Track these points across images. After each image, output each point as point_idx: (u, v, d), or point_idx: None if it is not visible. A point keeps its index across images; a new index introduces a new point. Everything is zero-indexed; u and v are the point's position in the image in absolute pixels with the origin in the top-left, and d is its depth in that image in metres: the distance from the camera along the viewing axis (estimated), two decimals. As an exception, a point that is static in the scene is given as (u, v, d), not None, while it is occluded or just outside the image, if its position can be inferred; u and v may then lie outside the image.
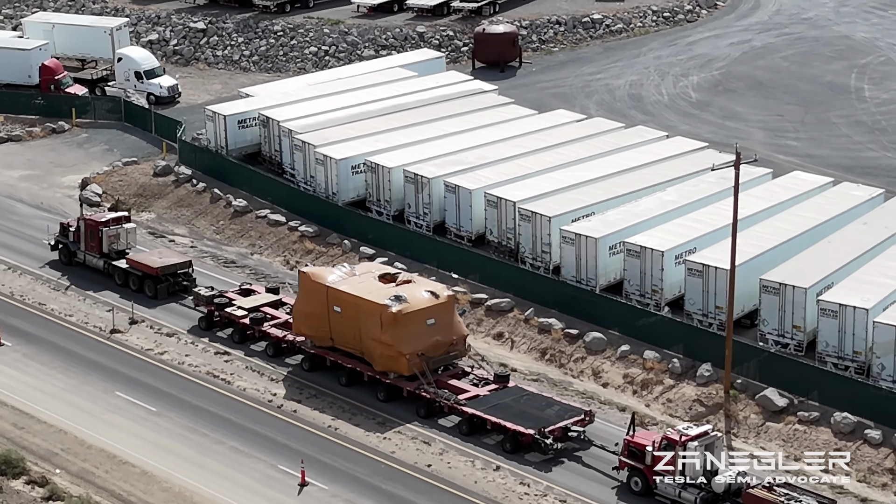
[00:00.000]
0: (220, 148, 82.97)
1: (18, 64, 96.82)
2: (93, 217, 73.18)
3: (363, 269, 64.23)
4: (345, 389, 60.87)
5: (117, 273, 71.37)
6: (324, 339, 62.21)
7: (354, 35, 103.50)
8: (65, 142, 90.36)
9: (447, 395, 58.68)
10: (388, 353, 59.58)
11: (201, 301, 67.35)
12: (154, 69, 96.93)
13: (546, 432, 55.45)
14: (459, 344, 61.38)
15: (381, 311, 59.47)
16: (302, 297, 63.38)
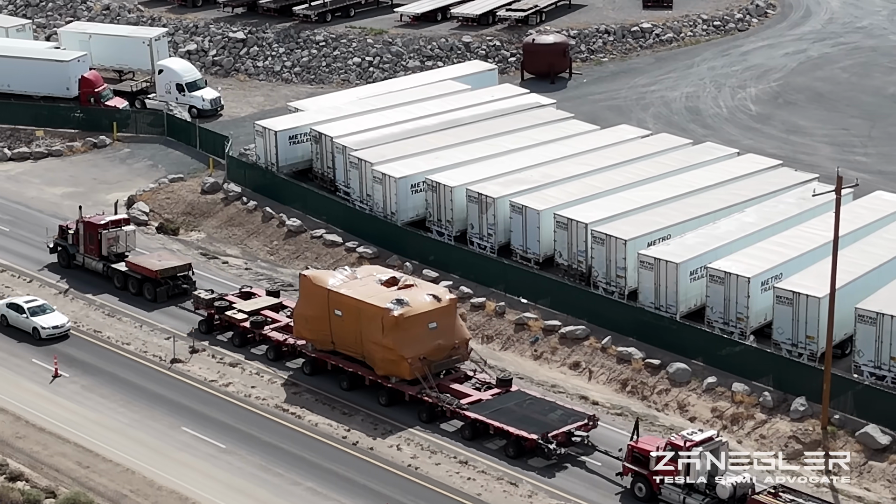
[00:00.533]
0: (270, 164, 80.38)
1: (56, 76, 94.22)
2: (92, 219, 72.17)
3: (364, 272, 63.65)
4: (346, 394, 60.13)
5: (116, 276, 70.72)
6: (325, 343, 61.56)
7: (399, 45, 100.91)
8: (107, 157, 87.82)
9: (449, 400, 58.10)
10: (389, 356, 59.01)
11: (201, 304, 66.66)
12: (196, 81, 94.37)
13: (549, 437, 54.88)
14: (461, 348, 60.85)
15: (383, 314, 58.87)
16: (303, 300, 62.64)
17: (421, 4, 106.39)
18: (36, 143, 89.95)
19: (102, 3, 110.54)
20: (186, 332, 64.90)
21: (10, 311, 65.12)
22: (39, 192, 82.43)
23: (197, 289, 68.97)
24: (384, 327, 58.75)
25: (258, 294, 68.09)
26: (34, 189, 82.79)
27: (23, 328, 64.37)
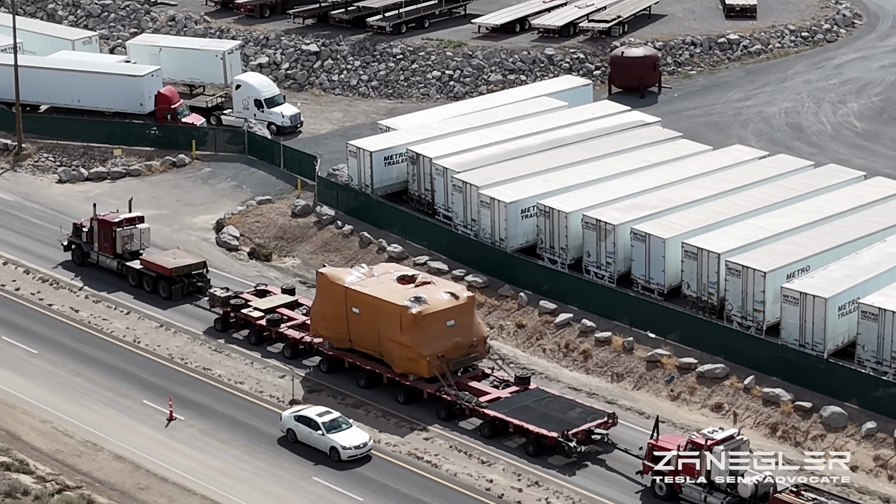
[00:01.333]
0: (364, 186, 77.04)
1: (129, 91, 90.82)
2: (106, 217, 72.11)
3: (381, 270, 63.62)
4: (364, 391, 60.18)
5: (131, 274, 70.63)
6: (342, 341, 61.53)
7: (479, 58, 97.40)
8: (187, 177, 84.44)
9: (468, 398, 58.12)
10: (408, 354, 59.01)
11: (217, 302, 66.51)
12: (275, 97, 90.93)
13: (570, 435, 54.87)
14: (479, 345, 60.95)
15: (401, 312, 58.96)
16: (320, 298, 62.53)
17: (499, 15, 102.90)
18: (112, 162, 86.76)
19: (168, 13, 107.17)
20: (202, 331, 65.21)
21: (299, 426, 55.60)
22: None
23: (212, 287, 68.61)
24: (402, 325, 58.83)
25: (273, 292, 67.95)
26: (116, 211, 79.66)
27: (316, 447, 55.06)
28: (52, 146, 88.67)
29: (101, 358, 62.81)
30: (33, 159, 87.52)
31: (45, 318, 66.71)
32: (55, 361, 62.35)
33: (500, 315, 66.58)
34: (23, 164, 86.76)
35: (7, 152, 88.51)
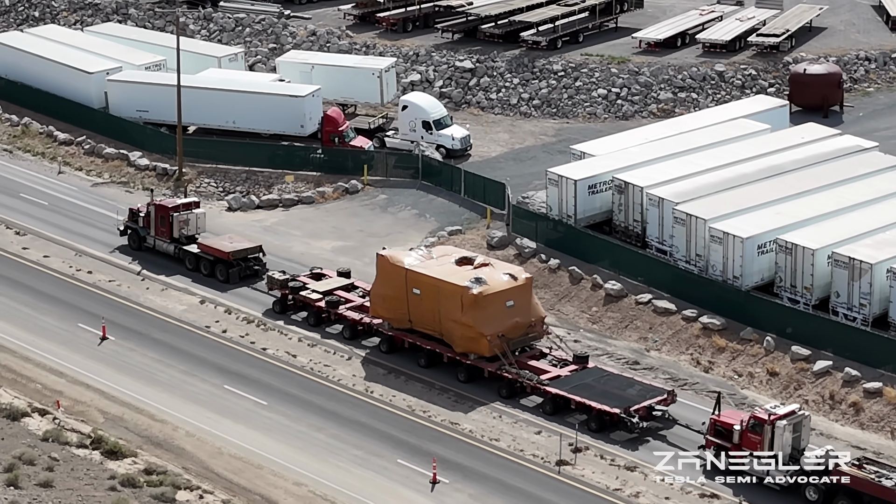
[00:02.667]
0: (565, 217, 72.58)
1: (289, 112, 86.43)
2: (163, 202, 74.01)
3: (440, 252, 65.00)
4: (424, 371, 61.54)
5: (188, 258, 72.11)
6: (402, 322, 62.89)
7: (646, 75, 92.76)
8: (363, 204, 79.92)
9: (529, 376, 59.50)
10: (468, 334, 60.42)
11: (275, 285, 67.81)
12: (442, 118, 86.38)
13: (632, 411, 56.21)
14: (538, 326, 62.32)
15: (462, 293, 60.32)
16: (380, 279, 63.76)
17: (659, 29, 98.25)
18: (282, 189, 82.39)
19: (308, 28, 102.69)
20: (261, 312, 66.84)
21: None
22: (306, 246, 74.62)
23: (268, 270, 69.75)
24: (464, 305, 60.21)
25: (329, 275, 68.96)
26: (299, 243, 74.96)
27: None
28: (211, 171, 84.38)
29: (337, 410, 58.90)
30: (194, 184, 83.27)
31: (264, 364, 62.67)
32: (289, 414, 58.23)
33: (746, 361, 61.97)
34: (184, 189, 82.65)
35: (166, 177, 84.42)
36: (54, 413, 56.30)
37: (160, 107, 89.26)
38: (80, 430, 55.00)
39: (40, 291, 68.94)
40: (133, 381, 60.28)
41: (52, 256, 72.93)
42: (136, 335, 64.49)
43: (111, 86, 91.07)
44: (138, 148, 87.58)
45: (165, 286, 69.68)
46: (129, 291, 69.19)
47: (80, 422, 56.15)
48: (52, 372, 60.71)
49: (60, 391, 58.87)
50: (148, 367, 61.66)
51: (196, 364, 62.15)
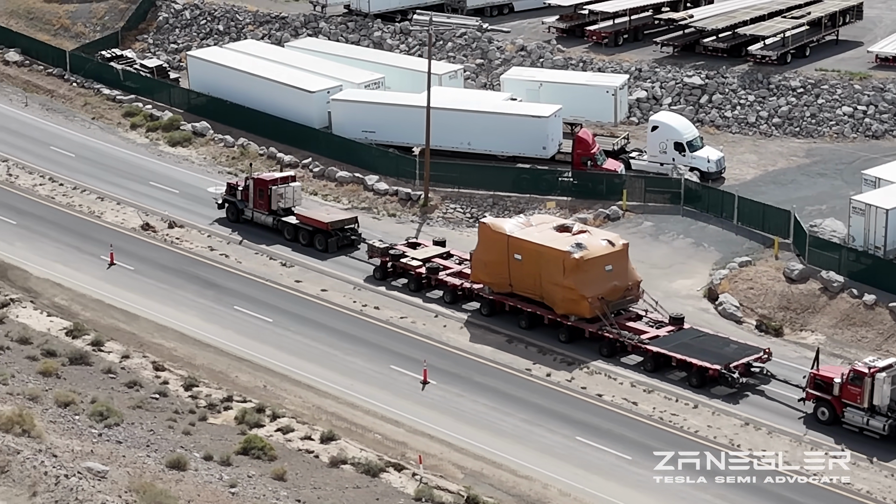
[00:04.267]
0: (873, 247, 68.52)
1: (531, 133, 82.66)
2: (262, 176, 77.37)
3: (538, 220, 68.55)
4: (525, 332, 64.78)
5: (287, 229, 75.32)
6: (503, 286, 66.03)
7: (893, 92, 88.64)
8: (630, 232, 75.69)
9: (630, 336, 62.64)
10: (570, 296, 63.46)
11: (376, 253, 70.85)
12: (695, 140, 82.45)
13: (732, 367, 59.42)
14: (634, 289, 65.43)
15: (564, 257, 63.46)
16: (481, 246, 67.05)
17: (891, 43, 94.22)
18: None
19: (516, 42, 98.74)
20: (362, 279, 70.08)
21: None
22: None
23: (364, 239, 73.28)
24: (565, 269, 63.31)
25: (425, 244, 72.49)
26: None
27: None
28: (455, 195, 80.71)
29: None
30: (441, 210, 79.64)
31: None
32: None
33: None
34: (431, 215, 78.97)
35: (410, 202, 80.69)
36: (413, 468, 52.49)
37: (388, 127, 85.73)
38: (447, 489, 51.27)
39: (333, 328, 65.32)
40: (476, 430, 56.56)
41: (331, 290, 69.43)
42: (456, 378, 60.70)
43: (335, 105, 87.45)
44: (370, 171, 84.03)
45: (459, 321, 66.12)
46: (427, 329, 65.48)
47: (440, 477, 52.40)
48: (387, 420, 57.03)
49: (404, 442, 55.24)
50: (484, 415, 57.84)
51: (536, 412, 58.51)
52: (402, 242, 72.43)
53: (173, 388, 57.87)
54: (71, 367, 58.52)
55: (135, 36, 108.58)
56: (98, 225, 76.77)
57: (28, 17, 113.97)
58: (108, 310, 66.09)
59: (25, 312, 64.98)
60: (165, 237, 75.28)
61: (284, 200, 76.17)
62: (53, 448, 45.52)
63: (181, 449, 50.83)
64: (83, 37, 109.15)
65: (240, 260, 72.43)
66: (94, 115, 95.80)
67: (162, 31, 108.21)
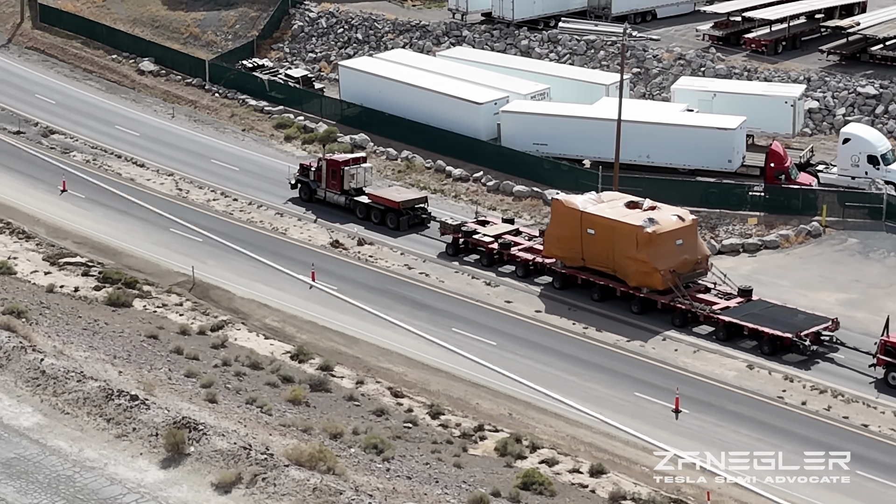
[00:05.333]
0: None
1: (715, 146, 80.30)
2: (335, 158, 79.78)
3: (608, 196, 70.44)
4: (598, 304, 67.06)
5: (359, 208, 77.97)
6: (575, 260, 68.40)
7: None
8: (836, 250, 73.36)
9: (702, 306, 64.91)
10: (643, 269, 65.85)
11: (448, 230, 73.51)
12: (888, 153, 79.87)
13: (803, 335, 61.55)
14: (703, 263, 67.83)
15: (637, 231, 65.79)
16: (554, 222, 69.56)
17: None
18: (729, 231, 76.01)
19: (674, 51, 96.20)
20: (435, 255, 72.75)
21: None
22: (804, 298, 67.46)
23: (434, 217, 76.10)
24: (638, 243, 65.65)
25: (494, 222, 75.02)
26: (794, 294, 67.79)
27: None
28: (642, 210, 78.37)
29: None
30: (629, 226, 77.19)
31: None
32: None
33: None
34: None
35: (597, 218, 78.24)
36: (698, 506, 50.01)
37: (560, 139, 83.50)
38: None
39: (558, 351, 62.78)
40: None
41: (543, 311, 67.09)
42: (708, 406, 58.12)
43: (505, 117, 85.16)
44: (545, 184, 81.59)
45: (693, 346, 63.68)
46: (658, 353, 62.87)
47: (728, 515, 49.98)
48: (646, 451, 54.36)
49: (671, 475, 52.45)
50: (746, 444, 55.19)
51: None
52: (471, 220, 74.70)
53: (420, 417, 55.44)
54: (312, 393, 56.14)
55: (270, 45, 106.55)
56: (285, 242, 74.53)
57: (153, 25, 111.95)
58: (323, 332, 63.69)
59: (242, 335, 62.68)
60: (358, 255, 73.01)
61: (356, 181, 78.72)
62: (363, 486, 43.05)
63: (464, 485, 48.37)
64: (215, 45, 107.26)
65: (441, 279, 70.03)
66: (244, 126, 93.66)
67: (297, 40, 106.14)
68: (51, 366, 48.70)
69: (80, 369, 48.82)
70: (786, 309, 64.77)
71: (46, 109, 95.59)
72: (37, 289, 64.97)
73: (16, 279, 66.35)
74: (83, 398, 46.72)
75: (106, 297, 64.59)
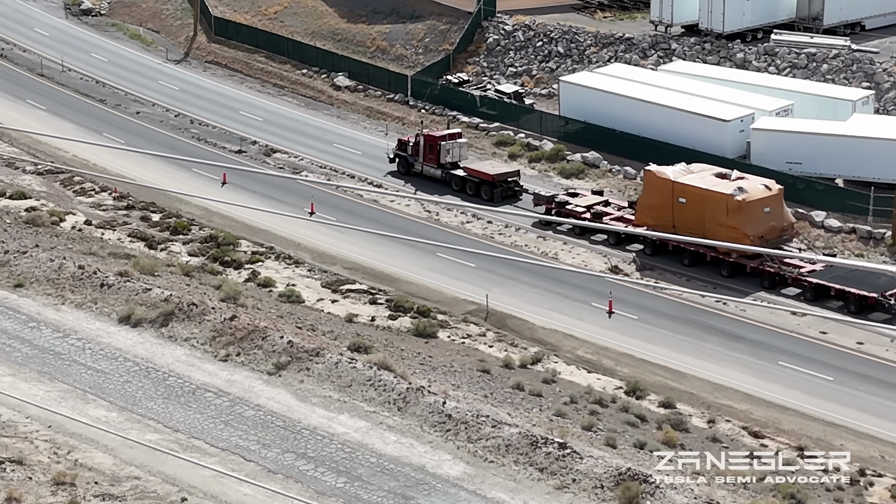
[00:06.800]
0: None
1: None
2: (432, 133, 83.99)
3: (698, 168, 74.30)
4: (688, 268, 70.57)
5: (454, 180, 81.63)
6: (666, 227, 71.14)
7: None
8: None
9: (790, 270, 68.03)
10: (733, 235, 68.76)
11: (542, 201, 77.44)
12: None
13: (887, 295, 64.40)
14: (789, 230, 71.63)
15: (727, 199, 69.53)
16: (647, 191, 73.59)
17: None
18: None
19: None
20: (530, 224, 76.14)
21: None
22: None
23: (527, 190, 79.63)
24: (728, 210, 69.43)
25: (584, 193, 78.42)
26: None
27: None
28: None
29: None
30: (925, 252, 73.97)
31: None
32: None
33: None
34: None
35: (872, 240, 74.57)
36: None
37: (815, 158, 79.79)
38: None
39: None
40: None
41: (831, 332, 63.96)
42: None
43: (756, 135, 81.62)
44: (806, 204, 77.96)
45: None
46: None
47: None
48: None
49: None
50: None
51: None
52: (563, 192, 78.44)
53: (792, 460, 51.85)
54: (676, 433, 52.64)
55: (465, 59, 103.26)
56: (560, 268, 71.27)
57: (334, 38, 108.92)
58: (643, 365, 60.29)
59: (561, 367, 59.31)
60: (640, 280, 69.67)
61: (451, 155, 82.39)
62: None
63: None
64: (405, 59, 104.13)
65: (742, 308, 66.62)
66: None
67: (494, 54, 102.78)
68: (455, 409, 45.33)
69: (484, 412, 45.41)
70: (868, 271, 68.49)
71: (257, 126, 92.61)
72: (335, 318, 61.73)
73: (307, 308, 63.23)
74: (504, 445, 43.40)
75: (412, 328, 61.37)
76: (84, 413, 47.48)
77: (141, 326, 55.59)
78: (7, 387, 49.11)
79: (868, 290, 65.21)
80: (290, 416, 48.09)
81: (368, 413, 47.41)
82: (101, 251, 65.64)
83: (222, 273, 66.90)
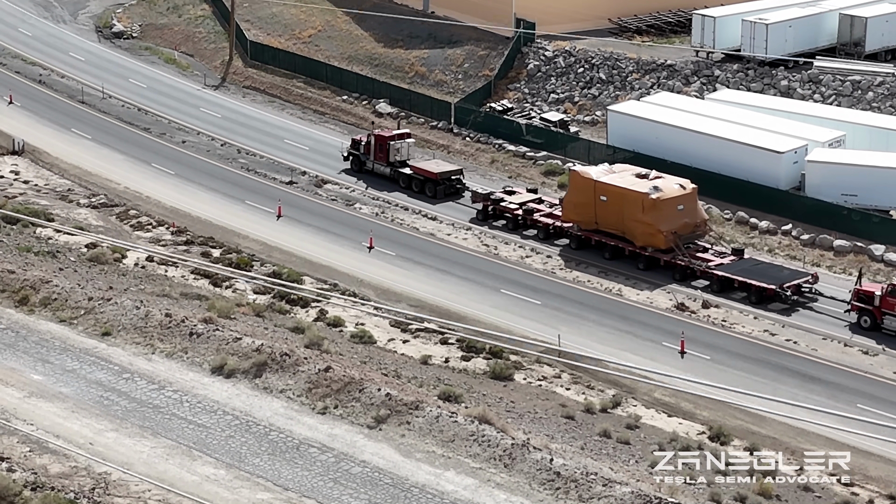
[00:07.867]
0: None
1: None
2: (382, 133, 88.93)
3: (619, 168, 79.39)
4: (608, 262, 75.90)
5: (401, 178, 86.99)
6: (589, 224, 77.25)
7: None
8: None
9: (698, 263, 73.76)
10: (648, 231, 74.50)
11: (479, 198, 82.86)
12: None
13: (785, 287, 70.41)
14: (701, 226, 76.72)
15: (643, 198, 74.58)
16: (572, 190, 78.50)
17: None
18: None
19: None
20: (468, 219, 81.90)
21: None
22: None
23: (468, 188, 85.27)
24: (644, 208, 74.32)
25: (519, 191, 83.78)
26: None
27: None
28: None
29: None
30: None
31: None
32: None
33: None
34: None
35: (932, 274, 74.63)
36: None
37: (872, 190, 79.72)
38: None
39: None
40: None
41: None
42: None
43: (811, 167, 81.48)
44: (863, 237, 77.81)
45: None
46: None
47: None
48: None
49: None
50: None
51: None
52: (500, 190, 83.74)
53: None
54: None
55: (505, 85, 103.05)
56: (623, 303, 71.02)
57: (371, 63, 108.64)
58: (723, 408, 59.85)
59: (641, 412, 59.07)
60: (708, 318, 69.44)
61: (400, 154, 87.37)
62: None
63: None
64: (445, 85, 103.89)
65: (813, 347, 66.30)
66: (509, 172, 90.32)
67: (535, 80, 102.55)
68: (563, 466, 45.04)
69: (591, 468, 45.12)
70: (773, 266, 74.21)
71: (303, 156, 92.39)
72: (410, 361, 61.46)
73: (381, 349, 62.91)
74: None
75: (488, 370, 61.10)
76: (193, 471, 47.30)
77: (234, 377, 55.42)
78: (112, 443, 48.91)
79: (769, 283, 70.69)
80: (397, 472, 47.84)
81: (475, 470, 47.21)
82: (173, 292, 65.32)
83: (290, 312, 66.56)
